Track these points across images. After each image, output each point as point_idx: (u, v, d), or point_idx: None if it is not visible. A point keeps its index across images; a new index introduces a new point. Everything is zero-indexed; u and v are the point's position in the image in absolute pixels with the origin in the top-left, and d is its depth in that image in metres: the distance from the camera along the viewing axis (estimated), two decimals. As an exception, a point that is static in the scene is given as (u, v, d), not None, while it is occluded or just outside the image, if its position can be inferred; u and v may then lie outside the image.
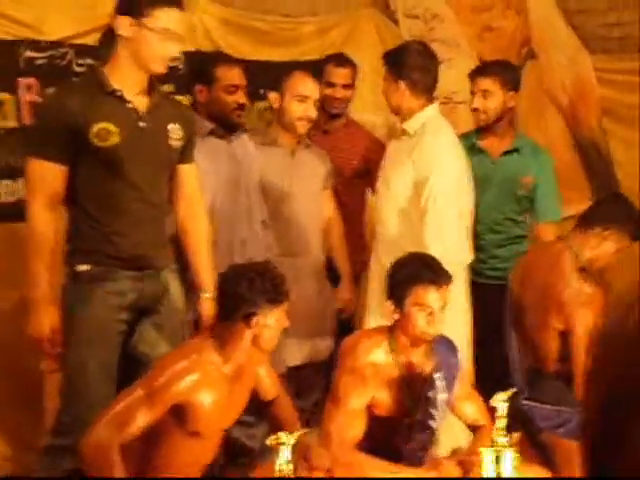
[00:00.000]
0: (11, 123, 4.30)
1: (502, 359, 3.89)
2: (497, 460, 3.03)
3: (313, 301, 4.25)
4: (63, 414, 3.30)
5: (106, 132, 3.23)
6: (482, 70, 4.41)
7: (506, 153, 4.37)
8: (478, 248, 4.24)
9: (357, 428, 3.20)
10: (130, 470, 2.84)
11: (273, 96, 4.16)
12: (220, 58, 4.09)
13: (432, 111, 4.10)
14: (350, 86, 4.55)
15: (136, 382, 2.91)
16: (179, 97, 4.46)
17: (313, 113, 4.16)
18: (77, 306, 3.26)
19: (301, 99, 4.11)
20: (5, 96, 4.29)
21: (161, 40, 3.23)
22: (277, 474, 2.72)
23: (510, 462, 3.02)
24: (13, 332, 4.19)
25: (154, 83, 3.36)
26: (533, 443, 3.66)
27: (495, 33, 5.55)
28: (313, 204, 4.27)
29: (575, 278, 3.69)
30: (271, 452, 2.78)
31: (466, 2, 5.51)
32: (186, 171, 3.48)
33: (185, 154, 3.46)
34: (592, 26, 5.43)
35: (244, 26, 4.99)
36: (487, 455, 3.03)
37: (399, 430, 3.29)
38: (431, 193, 3.92)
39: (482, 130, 4.40)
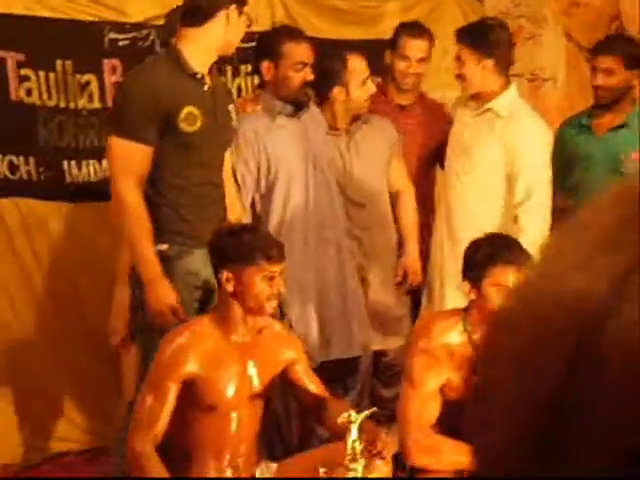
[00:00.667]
0: (96, 104, 4.38)
1: None
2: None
3: (391, 282, 4.18)
4: None
5: (193, 116, 3.25)
6: (604, 47, 4.28)
7: (612, 129, 4.26)
8: None
9: (433, 410, 3.18)
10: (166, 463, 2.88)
11: (338, 90, 4.01)
12: (288, 33, 3.91)
13: (515, 91, 4.05)
14: (425, 59, 4.28)
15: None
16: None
17: (373, 90, 4.06)
18: None
19: (364, 82, 4.01)
20: (90, 77, 4.37)
21: (246, 24, 3.35)
22: (349, 452, 2.72)
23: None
24: (98, 308, 4.30)
25: (212, 65, 3.38)
26: None
27: (583, 8, 5.42)
28: (378, 182, 4.16)
29: None
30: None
31: (553, -23, 5.40)
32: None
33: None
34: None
35: (324, 5, 4.96)
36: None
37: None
38: (531, 179, 3.91)
39: (596, 108, 4.31)
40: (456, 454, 3.12)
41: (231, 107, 3.43)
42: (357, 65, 4.01)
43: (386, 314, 4.13)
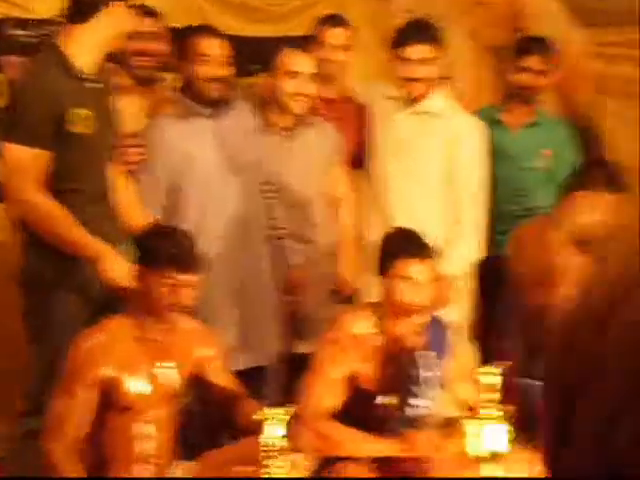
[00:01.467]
0: (2, 102, 4.30)
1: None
2: (485, 433, 3.04)
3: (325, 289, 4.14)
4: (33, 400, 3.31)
5: (80, 118, 3.22)
6: (532, 47, 4.39)
7: (526, 126, 4.44)
8: (498, 219, 4.29)
9: (335, 398, 3.22)
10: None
11: (263, 78, 4.03)
12: (199, 30, 3.89)
13: (444, 91, 4.15)
14: (346, 48, 4.26)
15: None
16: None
17: (308, 89, 3.97)
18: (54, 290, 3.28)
19: (292, 75, 3.94)
20: (-3, 74, 4.29)
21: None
22: (264, 449, 2.74)
23: (501, 435, 3.01)
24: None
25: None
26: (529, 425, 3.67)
27: (485, 7, 5.53)
28: (314, 189, 4.11)
29: (560, 249, 3.72)
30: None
31: (456, -24, 5.49)
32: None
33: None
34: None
35: (234, 3, 4.97)
36: (471, 427, 3.04)
37: (380, 406, 3.31)
38: (473, 177, 4.08)
39: (506, 103, 4.47)
40: (355, 442, 3.18)
41: (112, 101, 3.41)
42: (286, 59, 3.97)
43: (314, 318, 4.06)
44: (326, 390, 3.21)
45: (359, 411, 3.27)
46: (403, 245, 3.27)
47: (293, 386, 4.12)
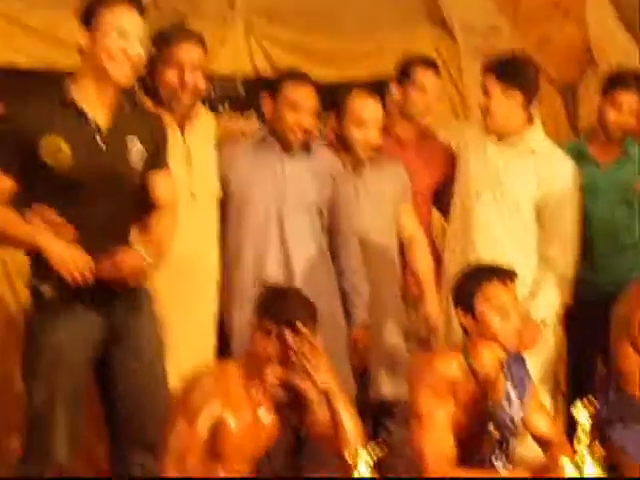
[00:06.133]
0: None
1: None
2: (579, 470, 2.98)
3: (395, 333, 4.10)
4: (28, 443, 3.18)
5: (56, 148, 3.00)
6: (627, 83, 4.25)
7: (616, 160, 4.32)
8: (589, 258, 4.19)
9: (449, 441, 3.16)
10: None
11: (332, 119, 4.01)
12: (292, 75, 3.83)
13: (541, 127, 4.09)
14: (431, 90, 4.26)
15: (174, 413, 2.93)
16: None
17: (375, 138, 3.97)
18: (41, 332, 3.09)
19: (360, 123, 3.93)
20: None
21: (114, 39, 3.03)
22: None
23: (593, 471, 2.96)
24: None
25: (121, 97, 3.13)
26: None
27: (554, 44, 5.51)
28: (387, 227, 4.08)
29: None
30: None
31: (523, 14, 5.47)
32: (158, 177, 3.27)
33: (155, 161, 3.24)
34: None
35: (302, 47, 5.02)
36: (567, 465, 2.98)
37: (479, 447, 3.26)
38: (565, 220, 4.01)
39: (592, 138, 4.37)
40: None
41: (131, 143, 3.15)
42: (355, 105, 3.95)
43: (401, 359, 4.03)
44: (440, 435, 3.15)
45: (461, 453, 3.21)
46: (487, 271, 3.27)
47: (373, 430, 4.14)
